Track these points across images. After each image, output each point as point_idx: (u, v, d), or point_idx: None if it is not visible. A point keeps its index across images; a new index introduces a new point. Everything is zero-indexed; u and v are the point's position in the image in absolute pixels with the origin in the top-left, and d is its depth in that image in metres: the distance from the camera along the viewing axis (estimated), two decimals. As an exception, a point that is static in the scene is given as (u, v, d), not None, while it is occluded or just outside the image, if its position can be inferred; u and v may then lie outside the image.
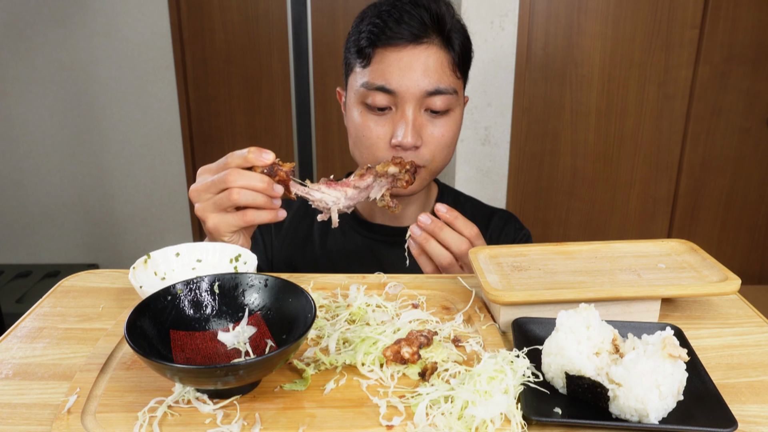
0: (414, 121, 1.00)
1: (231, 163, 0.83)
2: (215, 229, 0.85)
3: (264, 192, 0.82)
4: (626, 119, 2.59)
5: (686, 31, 2.46)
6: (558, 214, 2.74)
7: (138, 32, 2.84)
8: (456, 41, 1.02)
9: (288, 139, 3.01)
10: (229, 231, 0.85)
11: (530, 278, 0.78)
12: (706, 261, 0.80)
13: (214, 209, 0.84)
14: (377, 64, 1.00)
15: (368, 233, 1.16)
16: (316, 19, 2.81)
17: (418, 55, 0.99)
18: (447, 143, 1.05)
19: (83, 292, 0.82)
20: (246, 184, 0.81)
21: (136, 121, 2.99)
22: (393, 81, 0.99)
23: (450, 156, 1.08)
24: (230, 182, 0.81)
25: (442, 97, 1.00)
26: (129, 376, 0.63)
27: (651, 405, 0.54)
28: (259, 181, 0.82)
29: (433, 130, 1.02)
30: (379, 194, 0.94)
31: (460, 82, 1.06)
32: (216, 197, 0.83)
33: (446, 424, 0.55)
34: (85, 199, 3.13)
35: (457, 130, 1.07)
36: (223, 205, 0.83)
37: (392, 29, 0.99)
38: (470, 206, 1.24)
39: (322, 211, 0.90)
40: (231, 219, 0.84)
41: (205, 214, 0.84)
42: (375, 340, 0.66)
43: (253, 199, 0.82)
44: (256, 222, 0.84)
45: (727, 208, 2.73)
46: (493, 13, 2.36)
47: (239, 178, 0.81)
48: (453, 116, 1.04)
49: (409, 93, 0.99)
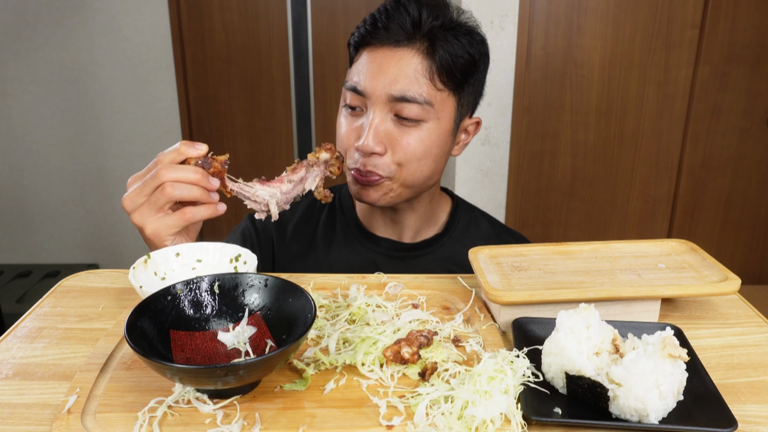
0: (378, 126, 0.95)
1: (162, 159, 0.80)
2: (155, 234, 0.81)
3: (199, 184, 0.80)
4: (626, 119, 2.59)
5: (686, 31, 2.46)
6: (558, 214, 2.74)
7: (138, 32, 2.84)
8: (442, 50, 0.95)
9: (288, 139, 3.01)
10: (169, 233, 0.82)
11: (530, 278, 0.78)
12: (706, 261, 0.80)
13: (151, 211, 0.80)
14: (357, 64, 1.00)
15: (372, 246, 1.13)
16: (316, 19, 2.81)
17: (391, 58, 0.96)
18: (418, 155, 0.97)
19: (83, 292, 0.82)
20: (179, 177, 0.78)
21: (136, 121, 2.99)
22: (363, 82, 0.97)
23: (428, 171, 1.00)
24: (162, 176, 0.78)
25: (410, 105, 0.95)
26: (129, 376, 0.63)
27: (651, 405, 0.54)
28: (193, 172, 0.79)
29: (400, 139, 0.96)
30: (313, 185, 0.90)
31: (443, 94, 0.97)
32: (150, 198, 0.80)
33: (446, 424, 0.55)
34: (85, 199, 3.13)
35: (434, 145, 0.98)
36: (158, 204, 0.80)
37: (376, 31, 0.97)
38: (485, 222, 1.19)
39: (258, 210, 0.88)
40: (170, 220, 0.81)
41: (142, 219, 0.81)
42: (375, 340, 0.66)
43: (189, 192, 0.79)
44: (195, 219, 0.82)
45: (727, 208, 2.73)
46: (493, 13, 2.36)
47: (171, 171, 0.79)
48: (426, 128, 0.97)
49: (375, 95, 0.96)
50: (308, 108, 2.95)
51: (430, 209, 1.13)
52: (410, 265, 1.10)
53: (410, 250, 1.12)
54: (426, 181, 1.03)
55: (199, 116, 3.00)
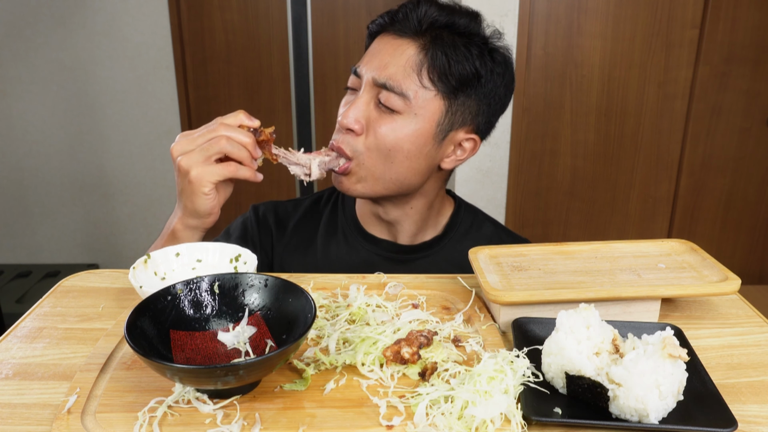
0: (359, 105, 0.98)
1: (222, 120, 0.89)
2: (198, 178, 0.87)
3: (248, 147, 0.88)
4: (626, 119, 2.59)
5: (686, 31, 2.46)
6: (558, 214, 2.74)
7: (138, 32, 2.84)
8: (441, 51, 0.95)
9: (288, 139, 3.01)
10: (211, 180, 0.88)
11: (530, 278, 0.78)
12: (706, 261, 0.80)
13: (200, 157, 0.87)
14: (366, 51, 1.04)
15: (371, 247, 1.12)
16: (316, 19, 2.81)
17: (390, 45, 0.99)
18: (387, 145, 0.97)
19: (83, 292, 0.82)
20: (234, 136, 0.87)
21: (136, 121, 2.99)
22: (361, 64, 1.01)
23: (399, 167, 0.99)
24: (220, 131, 0.87)
25: (389, 94, 0.96)
26: (129, 376, 0.63)
27: (651, 405, 0.54)
28: (246, 136, 0.88)
29: (375, 124, 0.97)
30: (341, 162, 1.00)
31: (428, 93, 0.96)
32: (203, 146, 0.87)
33: (446, 424, 0.55)
34: (85, 199, 3.13)
35: (406, 140, 0.97)
36: (209, 152, 0.87)
37: (390, 22, 1.01)
38: (488, 225, 1.17)
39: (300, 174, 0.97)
40: (215, 168, 0.87)
41: (189, 162, 0.87)
42: (375, 340, 0.66)
43: (238, 151, 0.87)
44: (237, 175, 0.89)
45: (727, 208, 2.73)
46: (493, 13, 2.36)
47: (229, 129, 0.88)
48: (400, 121, 0.96)
49: (365, 77, 0.99)
50: (308, 108, 2.95)
51: (427, 214, 1.12)
52: (409, 268, 1.10)
53: (409, 252, 1.12)
54: (399, 179, 1.01)
55: (199, 116, 3.00)
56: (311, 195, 1.22)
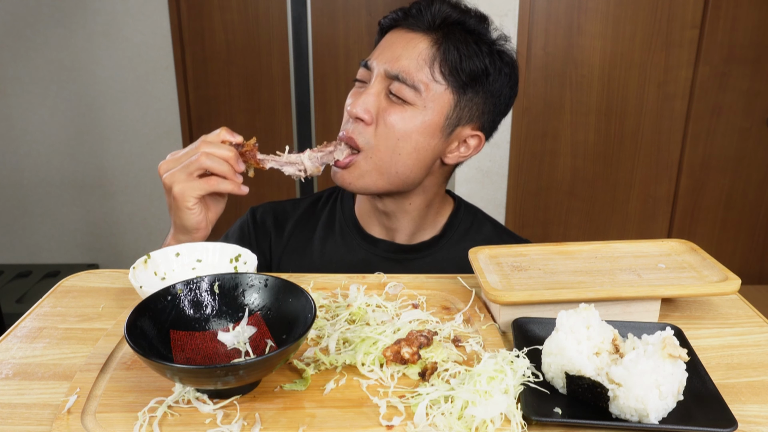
0: (371, 95, 0.99)
1: (204, 137, 0.92)
2: (181, 193, 0.89)
3: (229, 161, 0.90)
4: (626, 119, 2.59)
5: (686, 31, 2.46)
6: (558, 214, 2.74)
7: (138, 32, 2.84)
8: (453, 46, 0.98)
9: (288, 139, 3.01)
10: (194, 196, 0.89)
11: (530, 278, 0.78)
12: (706, 261, 0.80)
13: (181, 174, 0.89)
14: (377, 46, 1.05)
15: (369, 246, 1.12)
16: (316, 19, 2.81)
17: (403, 39, 1.00)
18: (397, 134, 0.98)
19: (83, 292, 0.82)
20: (213, 151, 0.89)
21: (136, 121, 2.99)
22: (372, 57, 1.02)
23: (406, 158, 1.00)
24: (201, 148, 0.89)
25: (400, 86, 0.98)
26: (129, 376, 0.63)
27: (651, 405, 0.54)
28: (227, 150, 0.90)
29: (385, 113, 0.98)
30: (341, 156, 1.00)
31: (439, 86, 0.98)
32: (185, 162, 0.90)
33: (446, 424, 0.55)
34: (85, 199, 3.13)
35: (416, 130, 0.99)
36: (189, 169, 0.89)
37: (403, 17, 1.02)
38: (488, 226, 1.18)
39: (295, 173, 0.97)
40: (196, 184, 0.89)
41: (172, 179, 0.90)
42: (375, 340, 0.66)
43: (219, 165, 0.89)
44: (218, 189, 0.90)
45: (727, 208, 2.73)
46: (493, 13, 2.36)
47: (209, 146, 0.90)
48: (411, 111, 0.98)
49: (376, 69, 1.00)
50: (308, 108, 2.95)
51: (426, 213, 1.12)
52: (407, 268, 1.10)
53: (408, 252, 1.12)
54: (404, 173, 1.01)
55: (199, 116, 3.00)
56: (311, 195, 1.22)
